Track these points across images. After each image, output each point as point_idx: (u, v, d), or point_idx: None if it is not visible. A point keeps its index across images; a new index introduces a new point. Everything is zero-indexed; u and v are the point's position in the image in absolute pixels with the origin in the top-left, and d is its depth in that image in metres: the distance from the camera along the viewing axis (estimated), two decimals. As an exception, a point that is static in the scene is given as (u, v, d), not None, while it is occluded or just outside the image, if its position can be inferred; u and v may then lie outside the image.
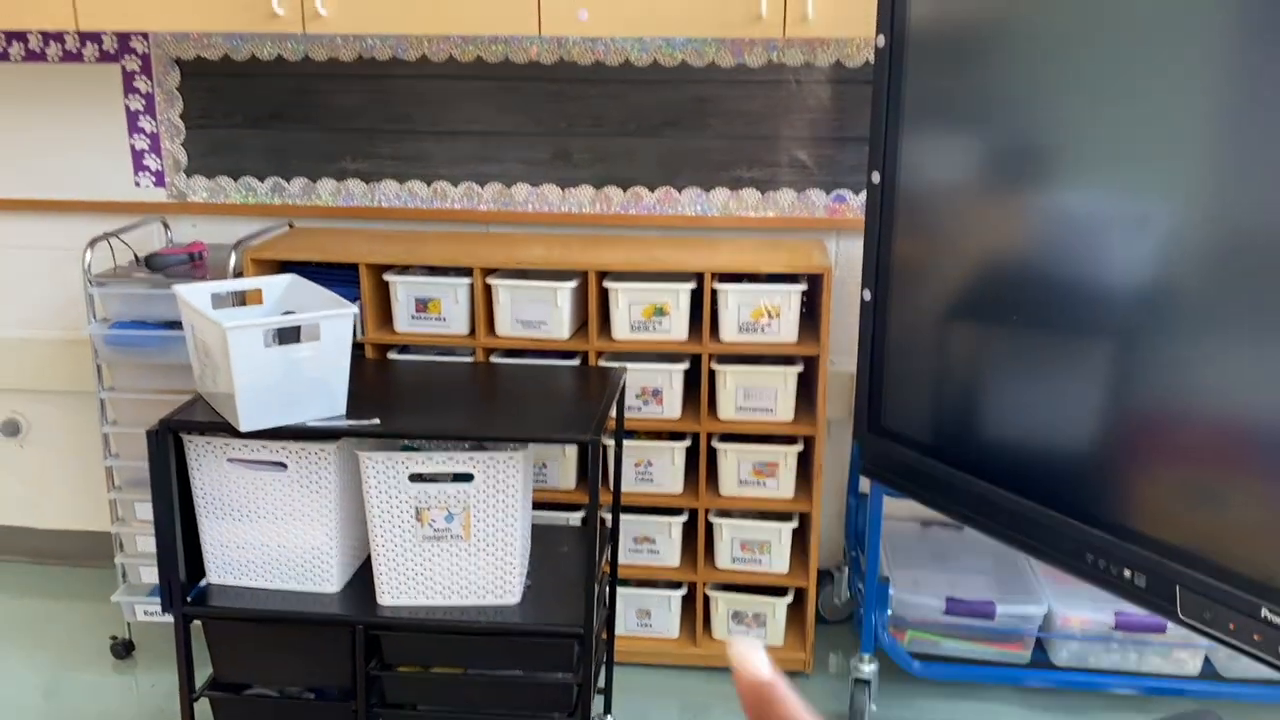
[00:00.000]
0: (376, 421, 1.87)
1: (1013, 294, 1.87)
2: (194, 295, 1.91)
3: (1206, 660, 2.43)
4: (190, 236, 2.83)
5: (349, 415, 1.90)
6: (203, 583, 2.04)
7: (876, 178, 2.06)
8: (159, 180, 2.80)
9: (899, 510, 2.82)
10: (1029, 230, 1.82)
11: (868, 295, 2.13)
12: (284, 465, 1.92)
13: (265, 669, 2.03)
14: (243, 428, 1.80)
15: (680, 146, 2.65)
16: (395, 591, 1.97)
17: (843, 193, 2.64)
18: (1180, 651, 2.40)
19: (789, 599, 2.58)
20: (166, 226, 2.81)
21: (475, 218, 2.75)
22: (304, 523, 1.96)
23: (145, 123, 2.76)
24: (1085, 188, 1.72)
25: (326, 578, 2.00)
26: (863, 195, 2.63)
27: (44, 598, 2.99)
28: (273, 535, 1.97)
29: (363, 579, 2.06)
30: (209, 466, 1.94)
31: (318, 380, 1.85)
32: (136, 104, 2.75)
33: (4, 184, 2.85)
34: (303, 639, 1.98)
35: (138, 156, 2.79)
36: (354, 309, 1.85)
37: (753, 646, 0.55)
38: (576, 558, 2.19)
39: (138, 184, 2.81)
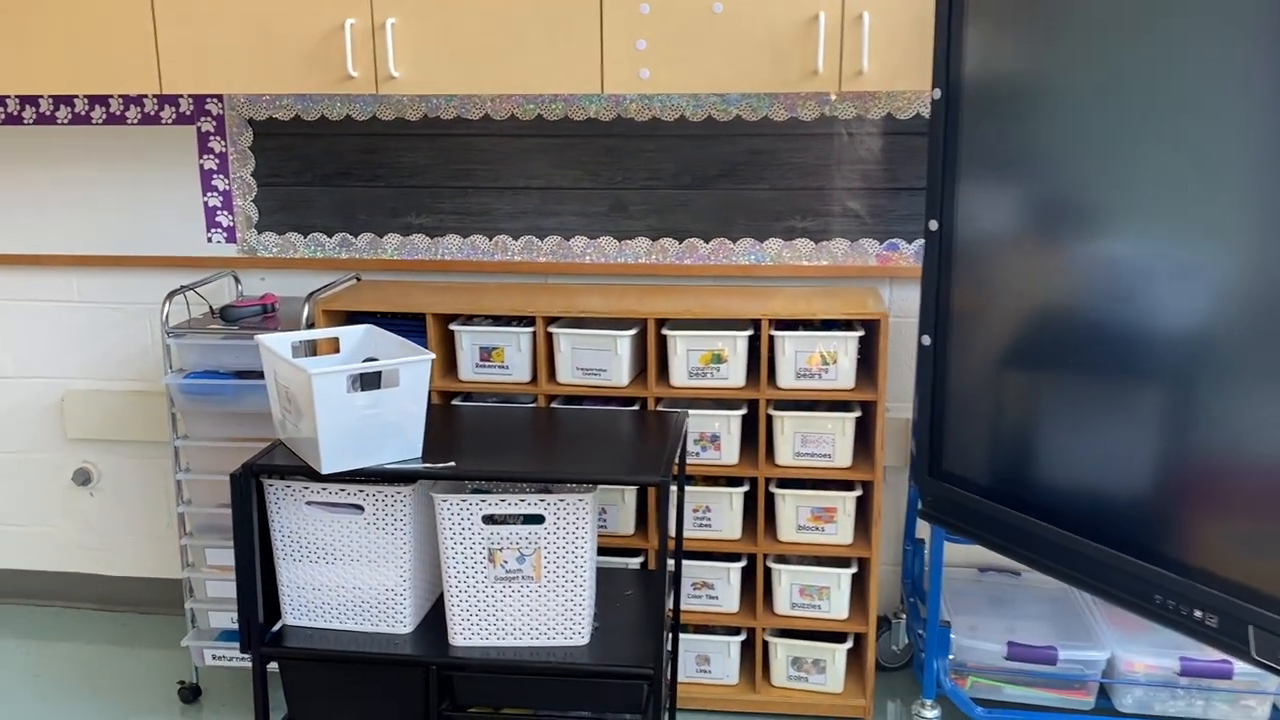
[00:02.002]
0: (452, 464, 1.92)
1: (1072, 338, 1.90)
2: (276, 344, 1.99)
3: (1275, 708, 2.40)
4: (260, 290, 2.93)
5: (424, 459, 1.96)
6: (278, 624, 2.09)
7: (934, 225, 2.11)
8: (230, 236, 2.91)
9: (956, 556, 2.82)
10: (1085, 276, 1.86)
11: (926, 340, 2.17)
12: (361, 508, 1.98)
13: (339, 710, 2.07)
14: (324, 470, 1.86)
15: (734, 198, 2.72)
16: (468, 632, 2.01)
17: (896, 241, 2.69)
18: (1248, 698, 2.38)
19: (848, 645, 2.58)
20: (238, 280, 2.91)
21: (535, 269, 2.83)
22: (379, 564, 2.01)
23: (218, 181, 2.88)
24: (1140, 235, 1.75)
25: (400, 618, 2.04)
26: (916, 243, 2.68)
27: (112, 644, 3.05)
28: (348, 577, 2.02)
29: (433, 620, 2.11)
30: (288, 509, 2.00)
31: (395, 424, 1.91)
32: (210, 163, 2.87)
33: (82, 241, 2.97)
34: (377, 679, 2.02)
35: (211, 213, 2.90)
36: (431, 355, 1.92)
37: None
38: (641, 601, 2.22)
39: (210, 239, 2.92)
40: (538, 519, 1.96)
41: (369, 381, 1.87)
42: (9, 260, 3.01)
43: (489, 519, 1.96)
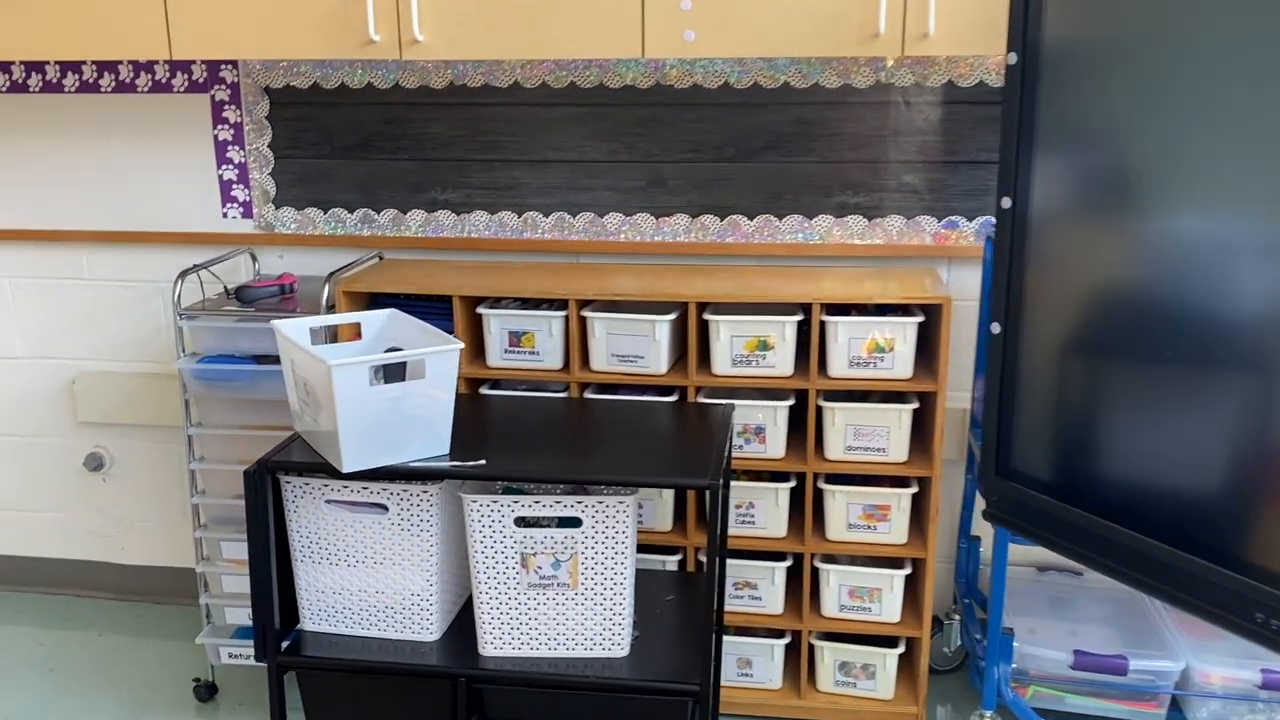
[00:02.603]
0: (483, 463, 1.77)
1: (1160, 326, 1.72)
2: (293, 330, 1.84)
3: (1363, 723, 2.23)
4: (277, 268, 2.78)
5: (452, 455, 1.81)
6: (296, 630, 1.95)
7: (1007, 202, 1.94)
8: (247, 211, 2.76)
9: (1014, 554, 2.65)
10: (1175, 259, 1.68)
11: (996, 328, 2.00)
12: (385, 507, 1.83)
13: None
14: (345, 468, 1.72)
15: (781, 171, 2.54)
16: (498, 641, 1.86)
17: (955, 219, 2.51)
18: (1334, 713, 2.21)
19: (900, 650, 2.43)
20: (254, 258, 2.76)
21: (566, 248, 2.67)
22: (403, 567, 1.86)
23: (234, 153, 2.72)
24: (1237, 215, 1.57)
25: (425, 625, 1.90)
26: (977, 221, 2.50)
27: (125, 634, 2.93)
28: (370, 580, 1.88)
29: (460, 627, 1.97)
30: (306, 508, 1.86)
31: (421, 419, 1.76)
32: (225, 134, 2.72)
33: (91, 216, 2.83)
34: (402, 690, 1.89)
35: (226, 187, 2.75)
36: (460, 345, 1.76)
37: None
38: (683, 606, 2.07)
39: (225, 215, 2.77)
40: (574, 522, 1.81)
41: (393, 373, 1.72)
42: (15, 236, 2.87)
43: (522, 521, 1.81)
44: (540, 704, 1.87)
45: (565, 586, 1.83)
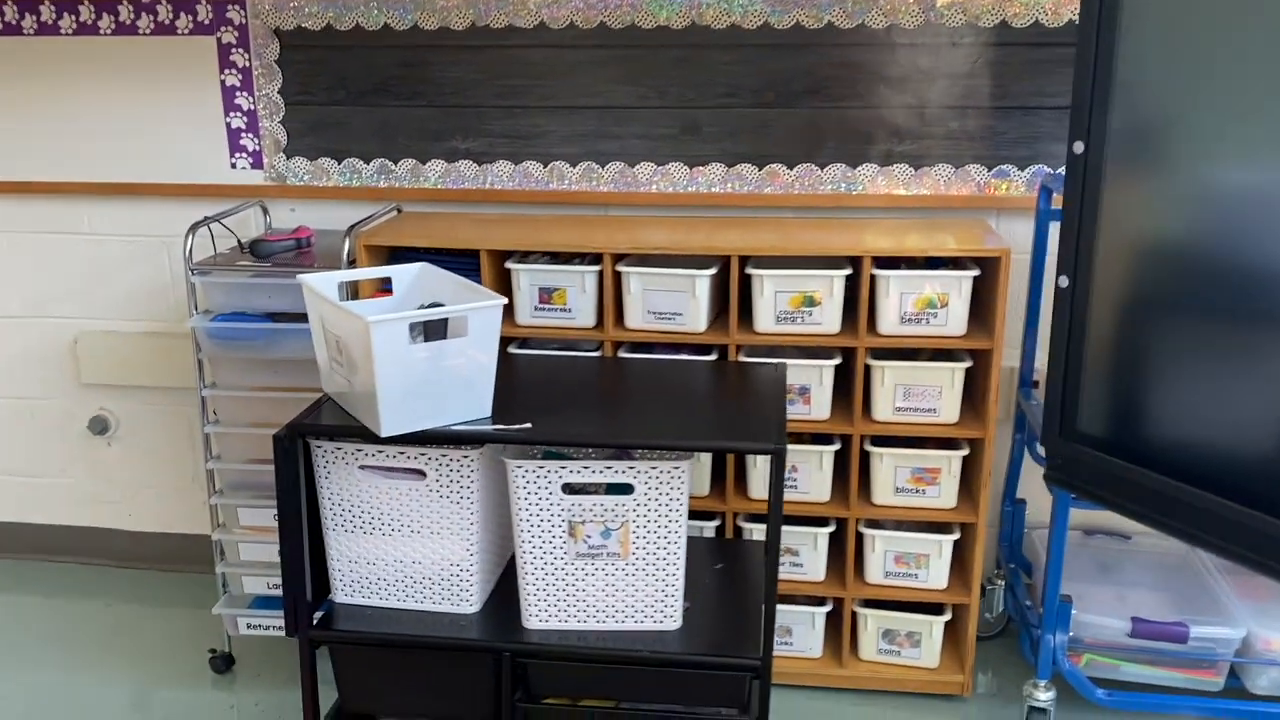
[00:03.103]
0: (528, 426, 1.66)
1: (1244, 282, 1.62)
2: (323, 285, 1.72)
3: None
4: (289, 222, 2.65)
5: (494, 419, 1.69)
6: (326, 603, 1.84)
7: (1079, 148, 1.82)
8: (256, 161, 2.61)
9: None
10: (1263, 213, 1.57)
11: (1064, 281, 1.89)
12: (422, 473, 1.72)
13: (396, 695, 1.84)
14: (384, 432, 1.60)
15: (823, 118, 2.41)
16: (544, 614, 1.76)
17: (1005, 168, 2.39)
18: (1399, 681, 2.14)
19: (946, 617, 2.34)
20: (265, 211, 2.63)
21: (593, 199, 2.54)
22: (442, 536, 1.76)
23: (242, 100, 2.58)
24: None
25: (465, 597, 1.80)
26: (1029, 170, 2.38)
27: (134, 603, 2.83)
28: (406, 550, 1.78)
29: (499, 598, 1.86)
30: (339, 475, 1.74)
31: (463, 379, 1.64)
32: (233, 79, 2.57)
33: (91, 166, 2.68)
34: (440, 664, 1.79)
35: (234, 136, 2.61)
36: (503, 300, 1.64)
37: None
38: (733, 576, 1.97)
39: (234, 166, 2.62)
40: (625, 489, 1.70)
41: (434, 330, 1.60)
42: (10, 189, 2.72)
43: (570, 488, 1.70)
44: (588, 679, 1.78)
45: (615, 556, 1.73)
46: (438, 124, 2.53)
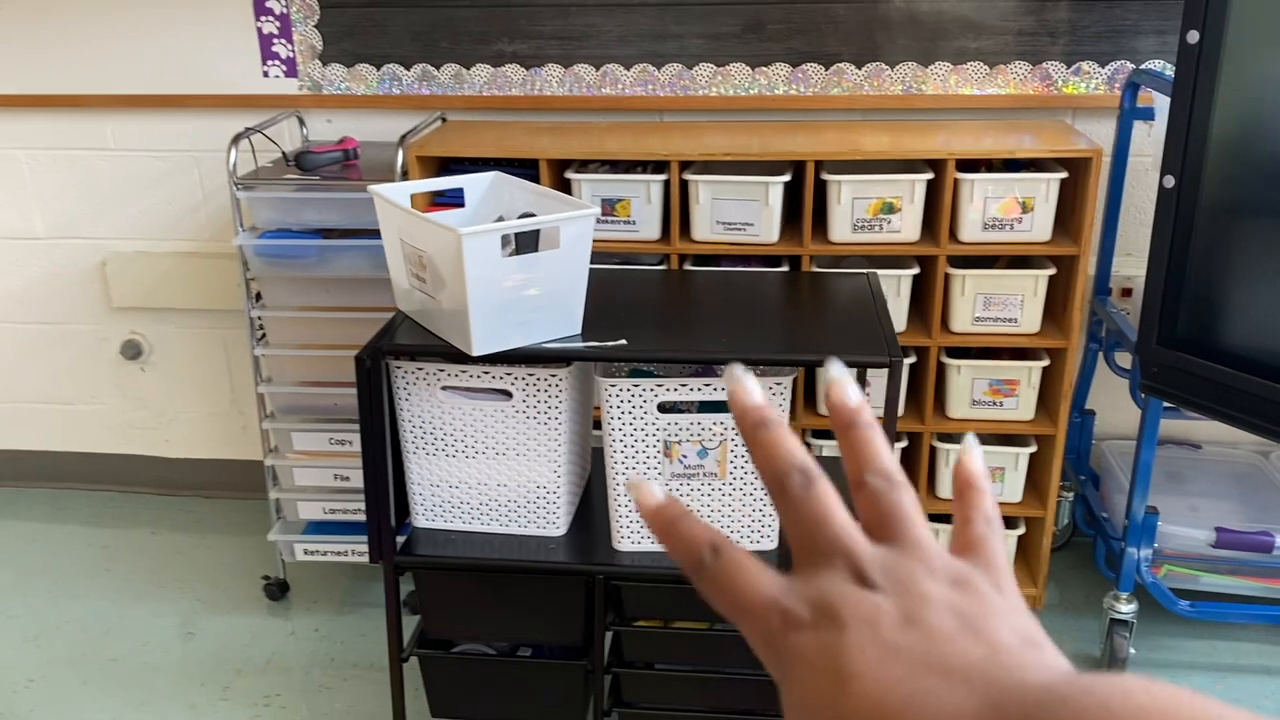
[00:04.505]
0: (623, 342, 1.58)
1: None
2: (397, 196, 1.61)
3: None
4: (326, 133, 2.52)
5: (584, 335, 1.61)
6: (406, 525, 1.78)
7: (1194, 37, 1.71)
8: (290, 69, 2.47)
9: (1124, 427, 2.52)
10: None
11: (1170, 182, 1.79)
12: (509, 394, 1.64)
13: (482, 623, 1.79)
14: (476, 351, 1.52)
15: (894, 12, 2.28)
16: (636, 535, 1.71)
17: (1084, 64, 2.27)
18: None
19: (1020, 530, 2.30)
20: (302, 123, 2.49)
21: (649, 104, 2.41)
22: (529, 458, 1.69)
23: (274, 3, 2.42)
24: None
25: (552, 520, 1.74)
26: (1110, 67, 2.26)
27: (178, 531, 2.77)
28: (491, 473, 1.71)
29: (583, 521, 1.80)
30: (420, 397, 1.66)
31: (555, 295, 1.55)
32: (262, -19, 2.41)
33: (111, 78, 2.53)
34: (528, 588, 1.73)
35: (266, 42, 2.46)
36: (596, 210, 1.54)
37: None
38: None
39: (266, 74, 2.48)
40: (719, 406, 1.63)
41: (525, 243, 1.51)
42: (28, 102, 2.58)
43: (665, 407, 1.63)
44: (682, 602, 1.73)
45: (713, 476, 1.66)
46: (482, 25, 2.40)
